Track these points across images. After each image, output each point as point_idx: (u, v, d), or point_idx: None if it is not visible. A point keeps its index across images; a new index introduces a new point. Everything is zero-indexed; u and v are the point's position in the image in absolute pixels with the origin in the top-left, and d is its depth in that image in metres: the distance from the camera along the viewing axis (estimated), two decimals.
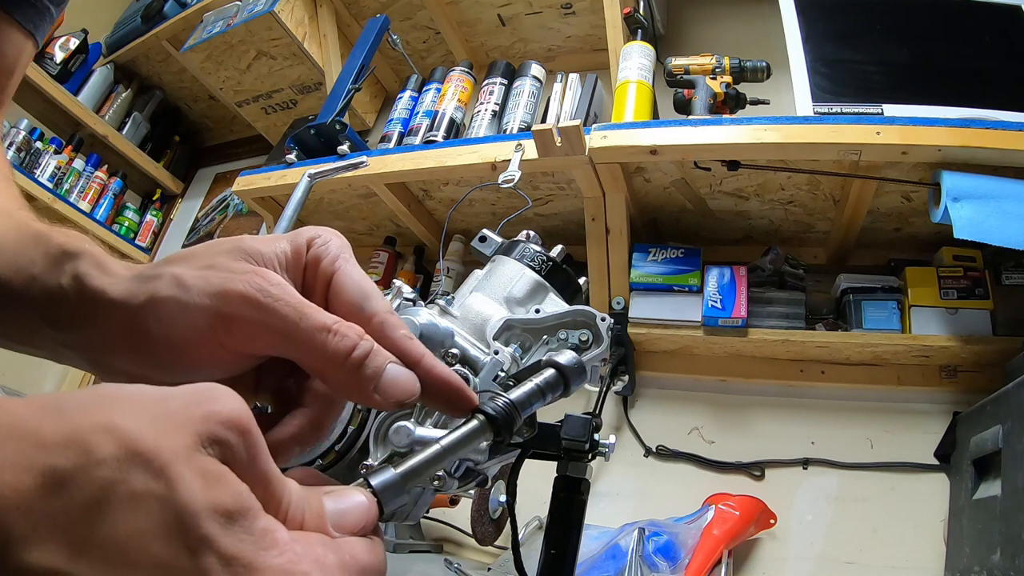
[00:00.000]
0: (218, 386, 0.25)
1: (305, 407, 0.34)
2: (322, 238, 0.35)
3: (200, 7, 2.16)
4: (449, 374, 0.34)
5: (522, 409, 0.36)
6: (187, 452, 0.22)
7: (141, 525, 0.21)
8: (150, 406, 0.23)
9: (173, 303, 0.31)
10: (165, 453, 0.22)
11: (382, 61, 2.14)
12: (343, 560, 0.25)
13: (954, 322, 1.22)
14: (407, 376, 0.32)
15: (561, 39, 1.94)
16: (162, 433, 0.22)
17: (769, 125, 1.18)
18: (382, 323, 0.33)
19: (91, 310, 0.33)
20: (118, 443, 0.22)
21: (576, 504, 0.61)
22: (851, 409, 1.35)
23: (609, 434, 0.85)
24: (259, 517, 0.23)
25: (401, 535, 1.33)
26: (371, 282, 0.35)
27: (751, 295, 1.34)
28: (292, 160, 1.68)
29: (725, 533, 1.16)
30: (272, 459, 0.26)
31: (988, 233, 1.03)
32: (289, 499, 0.26)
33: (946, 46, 1.30)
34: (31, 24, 0.44)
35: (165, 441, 0.22)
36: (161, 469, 0.22)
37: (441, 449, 0.32)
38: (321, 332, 0.31)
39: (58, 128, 2.47)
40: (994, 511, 0.96)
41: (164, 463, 0.22)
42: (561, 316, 0.62)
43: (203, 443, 0.23)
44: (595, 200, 1.41)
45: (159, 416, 0.23)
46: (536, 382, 0.38)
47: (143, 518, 0.21)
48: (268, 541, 0.23)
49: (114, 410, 0.22)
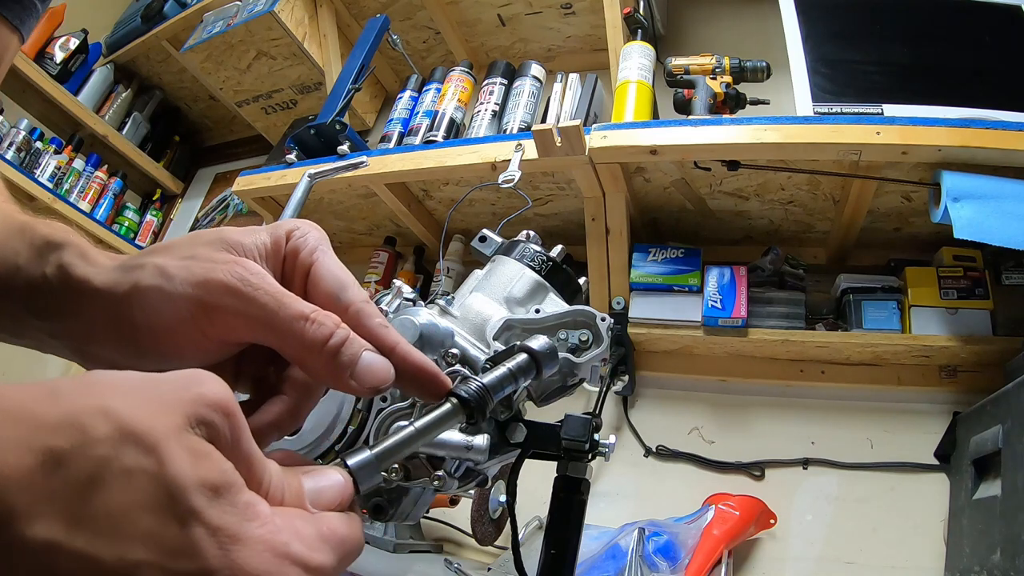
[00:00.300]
0: (204, 372, 0.26)
1: (283, 395, 0.36)
2: (300, 230, 0.36)
3: (200, 7, 2.16)
4: (423, 360, 0.35)
5: (495, 392, 0.37)
6: (177, 431, 0.24)
7: (134, 499, 0.22)
8: (141, 389, 0.24)
9: (156, 292, 0.32)
10: (156, 432, 0.23)
11: (382, 61, 2.14)
12: (320, 531, 0.27)
13: (954, 322, 1.22)
14: (382, 363, 0.33)
15: (561, 39, 1.94)
16: (153, 414, 0.24)
17: (769, 125, 1.18)
18: (358, 312, 0.34)
19: (75, 299, 0.33)
20: (112, 424, 0.23)
21: (576, 504, 0.61)
22: (851, 409, 1.35)
23: (609, 434, 0.85)
24: (243, 492, 0.25)
25: (401, 535, 1.33)
26: (348, 272, 0.36)
27: (751, 295, 1.34)
28: (292, 160, 1.68)
29: (725, 533, 1.16)
30: (254, 441, 0.27)
31: (988, 233, 1.03)
32: (270, 478, 0.27)
33: (946, 46, 1.30)
34: (17, 19, 0.44)
35: (156, 421, 0.23)
36: (152, 447, 0.23)
37: (415, 431, 0.33)
38: (299, 320, 0.32)
39: (58, 128, 2.47)
40: (994, 511, 0.96)
41: (155, 441, 0.23)
42: (561, 316, 0.62)
43: (191, 424, 0.24)
44: (595, 200, 1.41)
45: (150, 399, 0.24)
46: (508, 366, 0.40)
47: (136, 492, 0.22)
48: (251, 513, 0.24)
49: (107, 394, 0.24)
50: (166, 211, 2.74)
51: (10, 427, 0.22)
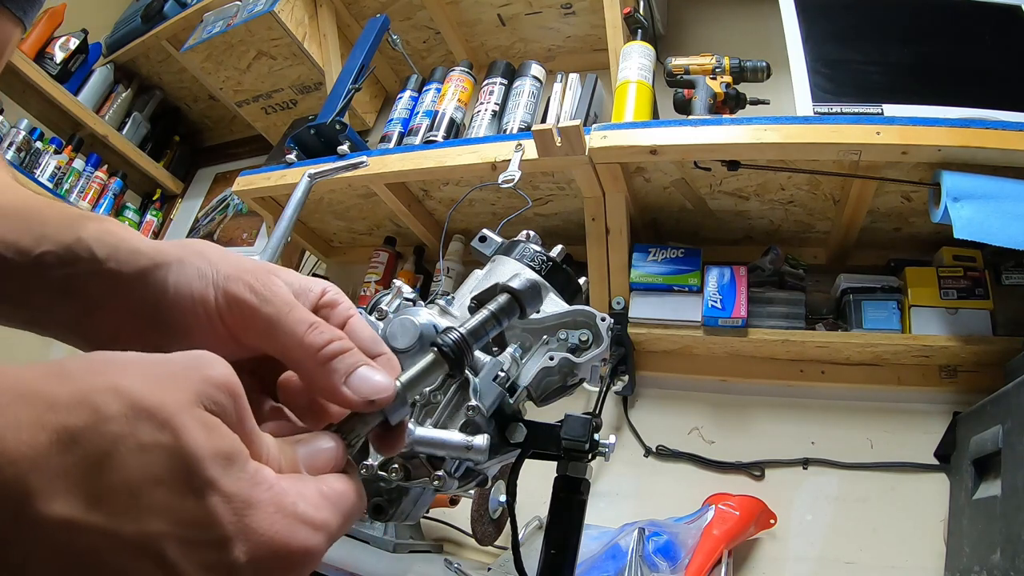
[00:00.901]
0: (210, 354, 0.27)
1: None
2: (335, 289, 0.38)
3: (200, 7, 2.16)
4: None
5: (478, 337, 0.37)
6: (188, 406, 0.25)
7: (151, 472, 0.23)
8: (150, 368, 0.25)
9: (194, 266, 0.34)
10: (169, 407, 0.24)
11: (382, 61, 2.14)
12: (321, 490, 0.29)
13: (954, 322, 1.22)
14: (382, 376, 0.33)
15: (561, 39, 1.94)
16: (164, 390, 0.24)
17: (769, 125, 1.18)
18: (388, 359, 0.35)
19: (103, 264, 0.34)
20: (124, 401, 0.23)
21: (576, 504, 0.61)
22: (851, 409, 1.35)
23: (609, 434, 0.85)
24: (249, 460, 0.26)
25: (401, 535, 1.33)
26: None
27: (751, 295, 1.34)
28: (292, 160, 1.68)
29: (725, 533, 1.16)
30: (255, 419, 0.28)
31: (988, 233, 1.03)
32: (269, 450, 0.28)
33: (946, 46, 1.30)
34: (20, 10, 0.45)
35: (168, 396, 0.24)
36: (166, 421, 0.24)
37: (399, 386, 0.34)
38: (302, 324, 0.33)
39: (58, 128, 2.47)
40: (994, 511, 0.96)
41: (168, 415, 0.24)
42: (561, 316, 0.62)
43: (201, 400, 0.25)
44: (595, 200, 1.41)
45: (160, 376, 0.25)
46: (491, 308, 0.39)
47: (152, 466, 0.23)
48: (259, 478, 0.26)
49: (117, 372, 0.24)
50: (166, 211, 2.74)
51: (22, 407, 0.22)
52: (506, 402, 0.60)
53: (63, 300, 0.34)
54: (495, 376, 0.59)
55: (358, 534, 1.31)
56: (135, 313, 0.34)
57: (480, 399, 0.58)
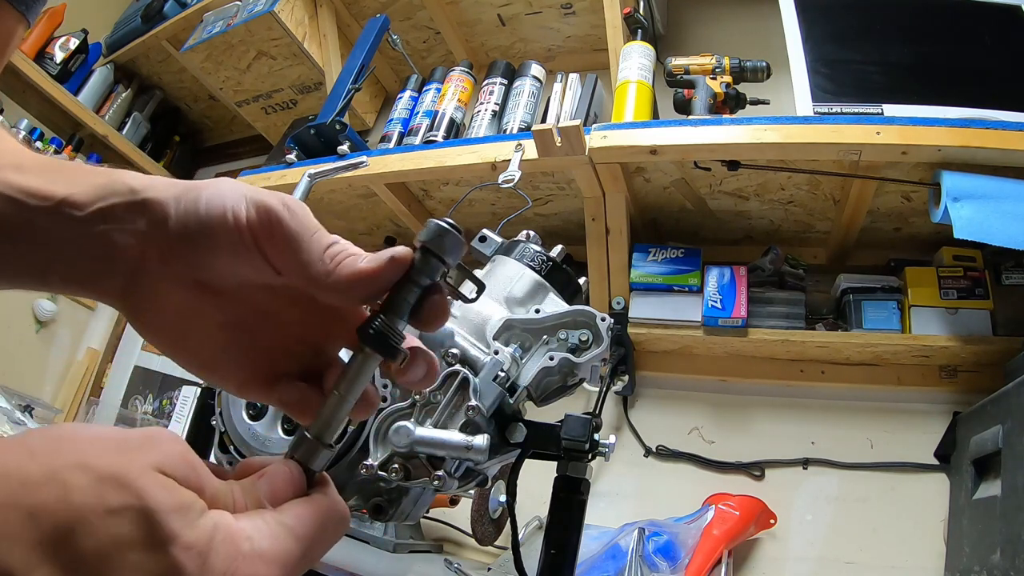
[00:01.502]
0: (164, 431, 0.29)
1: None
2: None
3: (200, 7, 2.16)
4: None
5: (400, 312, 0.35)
6: (148, 469, 0.26)
7: (119, 533, 0.25)
8: (111, 442, 0.27)
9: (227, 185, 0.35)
10: (132, 472, 0.26)
11: (382, 61, 2.14)
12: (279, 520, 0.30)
13: (954, 322, 1.22)
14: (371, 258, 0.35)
15: (561, 39, 1.94)
16: (126, 460, 0.26)
17: (769, 125, 1.18)
18: None
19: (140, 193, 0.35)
20: (91, 474, 0.25)
21: (576, 504, 0.61)
22: (851, 409, 1.35)
23: (609, 434, 0.85)
24: (207, 509, 0.28)
25: (401, 535, 1.33)
26: None
27: (751, 295, 1.34)
28: (292, 160, 1.68)
29: (725, 533, 1.16)
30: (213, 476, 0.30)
31: (988, 233, 1.03)
32: (231, 497, 0.30)
33: (946, 46, 1.30)
34: (24, 5, 0.45)
35: (130, 464, 0.26)
36: (130, 483, 0.26)
37: (339, 396, 0.34)
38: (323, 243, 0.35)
39: (58, 128, 2.47)
40: (994, 511, 0.96)
41: (131, 478, 0.26)
42: (561, 316, 0.62)
43: (157, 465, 0.27)
44: (595, 200, 1.41)
45: (120, 448, 0.27)
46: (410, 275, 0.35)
47: (120, 527, 0.25)
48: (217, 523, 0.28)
49: (81, 451, 0.26)
50: None
51: None
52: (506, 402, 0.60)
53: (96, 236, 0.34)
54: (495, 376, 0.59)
55: (358, 534, 1.31)
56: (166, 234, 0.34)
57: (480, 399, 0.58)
